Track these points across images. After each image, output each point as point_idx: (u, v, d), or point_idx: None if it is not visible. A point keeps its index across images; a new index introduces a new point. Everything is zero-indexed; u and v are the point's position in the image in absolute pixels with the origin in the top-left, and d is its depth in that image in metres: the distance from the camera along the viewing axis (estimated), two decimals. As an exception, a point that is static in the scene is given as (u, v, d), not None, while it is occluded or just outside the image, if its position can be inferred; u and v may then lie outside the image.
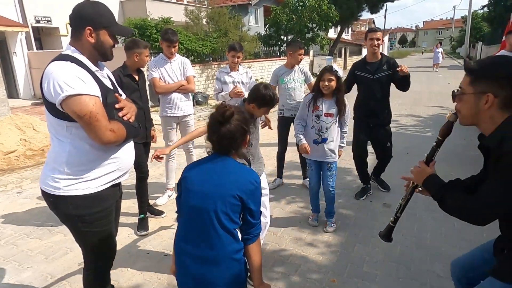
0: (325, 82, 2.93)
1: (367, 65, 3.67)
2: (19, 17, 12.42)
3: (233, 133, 1.43)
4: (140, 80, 3.22)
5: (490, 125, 1.33)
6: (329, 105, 3.03)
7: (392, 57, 3.88)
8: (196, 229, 1.44)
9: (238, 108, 1.51)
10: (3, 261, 2.86)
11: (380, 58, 3.65)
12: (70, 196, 1.64)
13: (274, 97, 2.39)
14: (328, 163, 3.12)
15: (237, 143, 1.47)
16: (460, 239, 2.99)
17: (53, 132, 1.66)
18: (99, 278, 1.89)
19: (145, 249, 3.00)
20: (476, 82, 1.34)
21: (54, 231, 3.33)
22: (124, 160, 1.79)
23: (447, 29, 79.36)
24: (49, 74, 1.53)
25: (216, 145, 1.48)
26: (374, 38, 3.55)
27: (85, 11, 1.63)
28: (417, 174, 1.58)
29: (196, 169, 1.50)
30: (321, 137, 3.07)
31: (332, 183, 3.17)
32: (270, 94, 2.35)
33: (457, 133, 6.45)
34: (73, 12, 1.64)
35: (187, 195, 1.46)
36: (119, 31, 1.74)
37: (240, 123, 1.45)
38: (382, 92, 3.66)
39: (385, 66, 3.62)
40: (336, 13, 17.52)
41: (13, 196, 4.24)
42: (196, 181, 1.46)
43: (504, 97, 1.27)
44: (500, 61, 1.35)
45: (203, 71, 12.57)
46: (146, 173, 3.31)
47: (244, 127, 1.47)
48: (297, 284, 2.50)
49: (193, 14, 14.32)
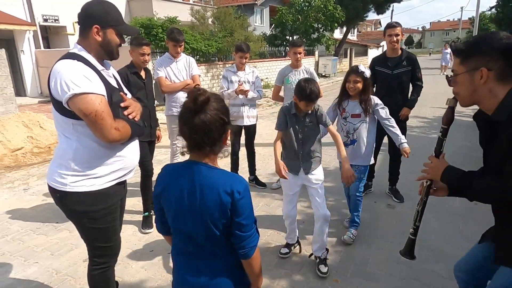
0: (350, 84, 2.83)
1: (387, 61, 3.62)
2: (27, 16, 12.56)
3: (207, 125, 1.17)
4: (146, 78, 3.25)
5: (492, 100, 1.31)
6: (354, 106, 2.90)
7: (413, 54, 3.78)
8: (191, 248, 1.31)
9: (217, 95, 1.26)
10: (9, 256, 2.90)
11: (400, 54, 3.59)
12: (76, 192, 1.66)
13: (312, 92, 2.31)
14: (357, 166, 2.94)
15: (213, 137, 1.20)
16: (464, 239, 2.97)
17: (60, 129, 1.69)
18: (103, 274, 1.90)
19: (149, 246, 3.02)
20: (466, 60, 1.34)
21: (59, 227, 3.36)
22: (130, 158, 1.81)
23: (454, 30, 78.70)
24: (56, 73, 1.56)
25: (188, 140, 1.23)
26: (393, 34, 3.49)
27: (93, 10, 1.65)
28: (432, 171, 1.49)
29: (170, 185, 1.28)
30: (350, 139, 2.94)
31: (356, 187, 2.94)
32: (310, 87, 2.30)
33: (460, 135, 6.43)
34: (81, 11, 1.67)
35: (169, 215, 1.31)
36: (125, 30, 1.76)
37: (218, 112, 1.19)
38: (401, 88, 3.61)
39: (405, 62, 3.57)
40: (342, 13, 17.48)
41: (20, 192, 4.29)
42: (173, 201, 1.27)
43: (498, 68, 1.27)
44: (485, 35, 1.34)
45: (208, 71, 12.61)
46: (151, 172, 3.34)
47: (222, 117, 1.20)
48: (300, 284, 2.51)
49: (199, 13, 14.37)
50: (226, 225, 1.24)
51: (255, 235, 1.28)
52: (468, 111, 8.87)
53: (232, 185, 1.21)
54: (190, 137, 1.21)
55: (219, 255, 1.30)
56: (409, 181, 4.35)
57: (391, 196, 3.94)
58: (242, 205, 1.22)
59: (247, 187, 1.25)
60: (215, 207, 1.21)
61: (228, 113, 1.26)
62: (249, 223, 1.25)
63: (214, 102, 1.20)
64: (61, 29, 14.06)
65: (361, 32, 42.41)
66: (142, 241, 3.12)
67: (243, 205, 1.22)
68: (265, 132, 7.11)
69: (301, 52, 3.90)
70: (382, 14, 28.30)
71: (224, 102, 1.26)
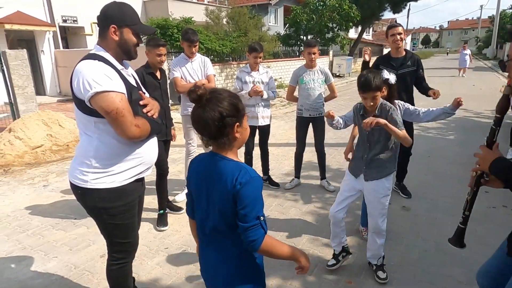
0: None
1: (391, 60, 3.61)
2: (47, 17, 12.90)
3: (203, 119, 1.24)
4: (161, 78, 3.30)
5: None
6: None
7: (417, 54, 3.80)
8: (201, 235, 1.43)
9: (224, 91, 1.31)
10: (30, 250, 3.00)
11: (404, 54, 3.59)
12: (97, 189, 1.72)
13: (367, 80, 2.20)
14: None
15: (210, 131, 1.25)
16: (481, 244, 2.91)
17: (82, 127, 1.74)
18: (121, 269, 1.95)
19: (164, 244, 3.07)
20: None
21: (77, 223, 3.45)
22: (148, 155, 1.86)
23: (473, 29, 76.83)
24: (79, 73, 1.61)
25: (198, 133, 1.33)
26: (395, 34, 3.48)
27: (110, 11, 1.71)
28: (481, 161, 1.42)
29: (193, 172, 1.41)
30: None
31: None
32: (365, 76, 2.22)
33: (481, 137, 6.27)
34: (100, 13, 1.73)
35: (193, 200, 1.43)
36: (142, 29, 1.81)
37: (215, 107, 1.23)
38: (405, 89, 3.58)
39: (409, 62, 3.56)
40: (357, 12, 17.29)
41: (40, 189, 4.42)
42: (193, 188, 1.39)
43: None
44: None
45: (222, 70, 12.68)
46: (166, 171, 3.39)
47: (221, 111, 1.23)
48: (313, 284, 2.51)
49: (213, 14, 14.47)
50: (233, 214, 1.28)
51: (258, 229, 1.26)
52: (487, 112, 8.67)
53: (237, 176, 1.25)
54: (195, 130, 1.32)
55: (223, 245, 1.36)
56: (424, 183, 4.29)
57: (398, 191, 3.97)
58: (242, 196, 1.24)
59: (253, 179, 1.26)
60: (221, 196, 1.28)
61: (232, 108, 1.27)
62: (247, 213, 1.24)
63: (214, 98, 1.25)
64: (79, 29, 14.37)
65: (377, 32, 41.82)
66: (157, 238, 3.17)
67: (243, 195, 1.24)
68: (279, 132, 7.12)
69: (315, 52, 3.89)
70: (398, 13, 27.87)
71: (230, 98, 1.28)
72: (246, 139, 1.41)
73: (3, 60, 6.42)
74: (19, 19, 11.41)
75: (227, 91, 1.33)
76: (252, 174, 1.28)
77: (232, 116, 1.27)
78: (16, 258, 2.89)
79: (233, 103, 1.28)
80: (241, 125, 1.32)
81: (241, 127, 1.32)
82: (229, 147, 1.32)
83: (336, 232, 2.60)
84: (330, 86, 4.11)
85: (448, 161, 5.06)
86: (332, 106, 9.78)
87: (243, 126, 1.34)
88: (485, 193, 3.89)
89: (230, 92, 1.34)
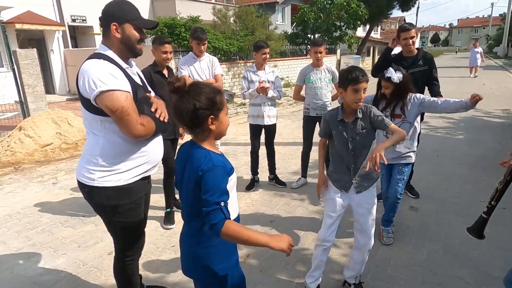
0: (383, 88, 2.77)
1: (402, 60, 3.56)
2: (56, 16, 13.07)
3: (179, 109, 1.36)
4: (169, 77, 3.31)
5: None
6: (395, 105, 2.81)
7: (429, 52, 3.71)
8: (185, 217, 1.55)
9: (205, 86, 1.40)
10: (40, 247, 3.05)
11: (416, 54, 3.53)
12: (104, 187, 1.73)
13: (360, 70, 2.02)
14: (399, 166, 2.85)
15: (184, 121, 1.37)
16: (491, 246, 2.87)
17: (88, 126, 1.76)
18: (128, 266, 1.97)
19: (170, 242, 3.09)
20: None
21: (86, 221, 3.49)
22: (154, 153, 1.87)
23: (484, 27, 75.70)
24: (84, 72, 1.62)
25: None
26: (408, 38, 3.40)
27: (110, 9, 1.73)
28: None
29: (177, 157, 1.55)
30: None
31: (400, 189, 2.84)
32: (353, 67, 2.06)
33: (490, 137, 6.20)
34: (101, 13, 1.75)
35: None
36: (143, 23, 1.81)
37: (191, 99, 1.34)
38: (416, 87, 3.54)
39: (421, 61, 3.50)
40: (365, 11, 17.13)
41: (49, 186, 4.48)
42: (178, 173, 1.52)
43: None
44: None
45: (229, 69, 12.70)
46: (173, 169, 3.39)
47: (195, 103, 1.34)
48: (320, 284, 2.50)
49: (221, 13, 14.49)
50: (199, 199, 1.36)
51: (218, 213, 1.31)
52: (497, 112, 8.54)
53: (201, 163, 1.35)
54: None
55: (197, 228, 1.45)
56: (433, 183, 4.24)
57: (406, 192, 3.90)
58: (203, 181, 1.34)
59: (215, 167, 1.34)
60: (189, 181, 1.39)
61: (208, 102, 1.36)
62: (207, 198, 1.32)
63: (192, 91, 1.35)
64: (88, 29, 14.53)
65: (385, 30, 41.42)
66: (164, 236, 3.19)
67: (204, 181, 1.33)
68: (285, 131, 7.11)
69: (321, 52, 3.87)
70: (407, 12, 27.59)
71: (207, 92, 1.37)
72: (224, 131, 1.50)
73: (13, 59, 6.51)
74: (29, 19, 11.57)
75: (209, 86, 1.41)
76: (216, 162, 1.36)
77: (206, 109, 1.36)
78: (25, 255, 2.93)
79: (210, 97, 1.36)
80: (216, 119, 1.40)
81: (217, 120, 1.41)
82: (204, 138, 1.43)
83: (320, 262, 2.32)
84: (337, 85, 4.08)
85: (457, 161, 4.99)
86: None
87: (220, 120, 1.43)
88: (495, 193, 3.84)
89: (212, 87, 1.41)
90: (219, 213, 1.32)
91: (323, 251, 2.30)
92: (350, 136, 2.11)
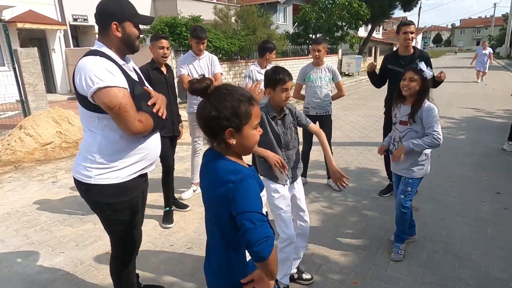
0: (405, 81, 2.56)
1: (399, 59, 3.58)
2: (58, 15, 13.09)
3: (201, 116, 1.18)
4: (167, 74, 3.29)
5: None
6: (405, 111, 2.62)
7: (426, 52, 3.75)
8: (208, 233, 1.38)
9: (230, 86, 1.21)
10: (38, 245, 3.04)
11: (413, 52, 3.55)
12: (101, 185, 1.72)
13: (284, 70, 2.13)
14: (403, 178, 2.72)
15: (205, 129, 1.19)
16: (493, 246, 2.85)
17: (85, 123, 1.74)
18: (124, 265, 1.96)
19: (169, 241, 3.08)
20: None
21: (84, 219, 3.48)
22: (151, 150, 1.85)
23: (486, 28, 75.50)
24: (81, 69, 1.61)
25: None
26: (408, 32, 3.44)
27: (109, 8, 1.71)
28: None
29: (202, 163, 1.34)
30: (395, 147, 2.72)
31: (403, 201, 2.70)
32: (274, 69, 2.14)
33: (491, 138, 6.16)
34: (97, 10, 1.72)
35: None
36: (142, 20, 1.80)
37: (210, 104, 1.15)
38: None
39: (418, 60, 3.51)
40: (367, 11, 17.10)
41: (49, 185, 4.47)
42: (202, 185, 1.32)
43: None
44: None
45: (230, 69, 12.69)
46: (172, 167, 3.39)
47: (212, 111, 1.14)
48: (318, 284, 2.48)
49: (222, 12, 14.48)
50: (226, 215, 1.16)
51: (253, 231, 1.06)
52: (499, 112, 8.49)
53: (228, 175, 1.14)
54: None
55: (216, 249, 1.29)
56: (435, 183, 4.21)
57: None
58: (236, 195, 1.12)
59: (244, 177, 1.13)
60: (216, 196, 1.18)
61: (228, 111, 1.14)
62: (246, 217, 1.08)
63: (214, 94, 1.17)
64: (89, 28, 14.54)
65: (387, 30, 41.37)
66: (162, 235, 3.18)
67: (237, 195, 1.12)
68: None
69: (320, 50, 3.84)
70: (409, 12, 27.55)
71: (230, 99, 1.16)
72: (250, 149, 1.23)
73: (14, 58, 6.51)
74: (31, 18, 11.59)
75: (238, 91, 1.18)
76: (243, 172, 1.16)
77: (224, 119, 1.13)
78: (24, 253, 2.93)
79: (232, 105, 1.14)
80: (238, 133, 1.16)
81: (239, 135, 1.16)
82: (223, 151, 1.20)
83: (291, 259, 2.33)
84: (338, 84, 4.06)
85: (458, 161, 4.96)
86: (340, 105, 9.59)
87: (243, 134, 1.16)
88: (497, 194, 3.81)
89: (242, 93, 1.17)
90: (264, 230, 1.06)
91: (294, 248, 2.32)
92: (282, 131, 2.24)
